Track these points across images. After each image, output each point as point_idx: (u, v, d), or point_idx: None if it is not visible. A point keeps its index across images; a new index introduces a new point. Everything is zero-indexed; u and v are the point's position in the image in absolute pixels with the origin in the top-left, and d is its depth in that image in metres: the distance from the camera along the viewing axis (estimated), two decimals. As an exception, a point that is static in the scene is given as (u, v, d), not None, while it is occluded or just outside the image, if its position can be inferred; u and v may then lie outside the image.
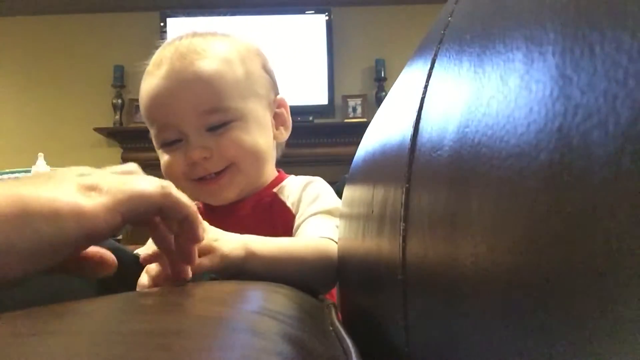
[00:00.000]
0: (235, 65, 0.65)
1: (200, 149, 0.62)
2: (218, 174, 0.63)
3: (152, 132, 0.66)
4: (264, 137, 0.67)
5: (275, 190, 0.68)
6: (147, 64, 0.70)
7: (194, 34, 0.68)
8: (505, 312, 0.16)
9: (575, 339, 0.12)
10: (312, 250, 0.55)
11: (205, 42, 0.66)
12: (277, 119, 0.71)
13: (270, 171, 0.71)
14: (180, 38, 0.68)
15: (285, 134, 0.72)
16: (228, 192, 0.65)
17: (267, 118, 0.68)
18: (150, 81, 0.65)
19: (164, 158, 0.65)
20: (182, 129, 0.63)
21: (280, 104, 0.72)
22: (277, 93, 0.72)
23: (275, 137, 0.70)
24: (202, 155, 0.62)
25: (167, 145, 0.65)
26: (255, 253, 0.50)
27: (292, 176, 0.72)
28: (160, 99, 0.63)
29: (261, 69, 0.69)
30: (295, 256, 0.53)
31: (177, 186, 0.63)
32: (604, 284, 0.11)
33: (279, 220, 0.64)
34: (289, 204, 0.66)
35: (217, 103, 0.62)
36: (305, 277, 0.52)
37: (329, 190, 0.69)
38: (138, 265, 0.52)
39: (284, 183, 0.69)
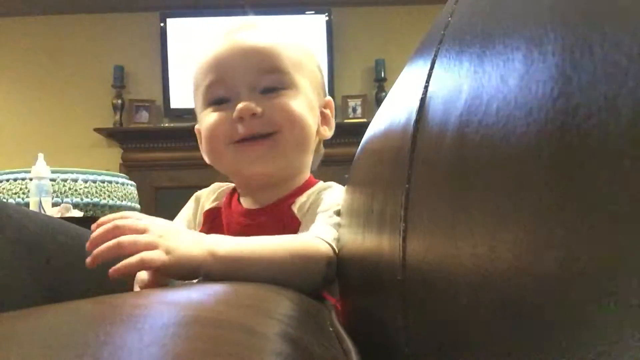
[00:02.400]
0: (297, 47, 0.67)
1: (251, 104, 0.60)
2: (262, 138, 0.62)
3: (201, 90, 0.65)
4: (313, 119, 0.66)
5: (293, 201, 0.65)
6: (147, 65, 0.70)
7: (256, 18, 0.70)
8: (505, 313, 0.16)
9: (576, 339, 0.12)
10: (289, 250, 0.52)
11: (268, 22, 0.69)
12: (323, 118, 0.71)
13: (305, 168, 0.69)
14: (242, 19, 0.70)
15: (328, 133, 0.72)
16: (265, 163, 0.63)
17: (315, 107, 0.68)
18: (209, 45, 0.65)
19: (208, 117, 0.64)
20: (236, 86, 0.62)
21: (327, 105, 0.72)
22: (325, 94, 0.73)
23: (318, 133, 0.69)
24: (252, 110, 0.60)
25: (213, 104, 0.64)
26: (216, 254, 0.48)
27: (320, 182, 0.69)
28: (220, 55, 0.63)
29: (316, 66, 0.71)
30: (265, 257, 0.50)
31: (218, 152, 0.64)
32: (605, 283, 0.11)
33: (287, 230, 0.62)
34: (297, 213, 0.64)
35: (277, 64, 0.63)
36: (277, 279, 0.48)
37: (335, 191, 0.66)
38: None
39: (303, 194, 0.66)
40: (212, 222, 0.69)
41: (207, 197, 0.72)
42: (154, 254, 0.44)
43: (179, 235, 0.48)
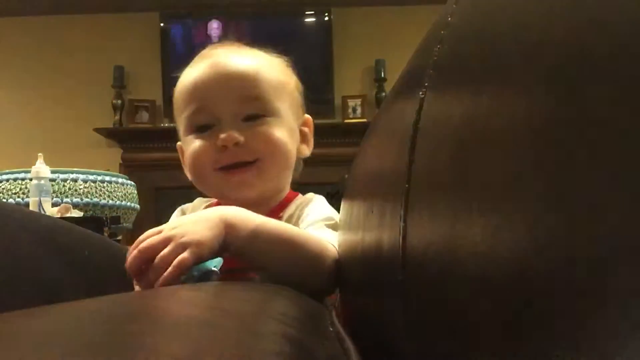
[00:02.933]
0: (277, 71, 0.69)
1: (235, 134, 0.62)
2: (245, 165, 0.64)
3: (184, 116, 0.67)
4: (293, 143, 0.68)
5: (281, 214, 0.68)
6: (147, 65, 0.71)
7: (234, 43, 0.72)
8: (505, 312, 0.16)
9: (576, 339, 0.12)
10: (315, 242, 0.55)
11: (248, 49, 0.70)
12: (302, 136, 0.73)
13: (285, 184, 0.72)
14: (223, 44, 0.72)
15: (307, 152, 0.74)
16: (251, 189, 0.65)
17: (296, 130, 0.71)
18: (193, 70, 0.66)
19: (193, 144, 0.66)
20: (219, 113, 0.64)
21: (306, 123, 0.74)
22: (304, 112, 0.75)
23: (298, 151, 0.71)
24: (235, 140, 0.62)
25: (197, 131, 0.65)
26: (257, 231, 0.51)
27: (299, 195, 0.72)
28: (202, 83, 0.65)
29: (294, 87, 0.73)
30: (295, 241, 0.54)
31: (203, 176, 0.65)
32: (605, 282, 0.11)
33: None
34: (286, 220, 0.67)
35: (259, 93, 0.64)
36: (300, 268, 0.51)
37: (325, 205, 0.69)
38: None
39: (287, 207, 0.70)
40: None
41: (193, 210, 0.73)
42: (185, 255, 0.47)
43: (196, 225, 0.50)
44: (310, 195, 0.72)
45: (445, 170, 0.22)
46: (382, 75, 3.28)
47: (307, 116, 0.75)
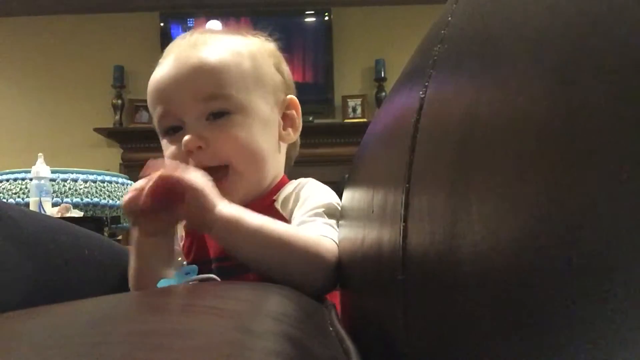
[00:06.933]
0: (244, 58, 0.64)
1: (195, 138, 0.59)
2: (217, 179, 0.58)
3: (154, 121, 0.65)
4: (267, 136, 0.65)
5: (274, 198, 0.66)
6: (147, 65, 0.70)
7: (206, 30, 0.68)
8: (505, 311, 0.16)
9: (577, 339, 0.12)
10: (304, 242, 0.53)
11: (215, 36, 0.66)
12: (286, 119, 0.69)
13: (274, 174, 0.68)
14: (192, 33, 0.68)
15: (293, 136, 0.70)
16: (231, 196, 0.60)
17: (273, 117, 0.67)
18: (157, 70, 0.64)
19: (166, 149, 0.64)
20: (182, 114, 0.61)
21: (290, 105, 0.70)
22: (288, 94, 0.70)
23: (281, 138, 0.68)
24: (196, 144, 0.59)
25: (168, 135, 0.64)
26: (223, 210, 0.51)
27: (292, 181, 0.70)
28: (162, 84, 0.62)
29: (272, 67, 0.68)
30: (282, 240, 0.52)
31: None
32: (605, 281, 0.11)
33: None
34: (285, 213, 0.64)
35: (218, 89, 0.61)
36: (291, 267, 0.50)
37: (321, 189, 0.66)
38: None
39: (281, 190, 0.67)
40: (193, 233, 0.67)
41: None
42: (190, 173, 0.49)
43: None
44: (304, 179, 0.69)
45: (446, 170, 0.22)
46: (382, 75, 3.28)
47: (291, 97, 0.70)
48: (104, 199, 1.82)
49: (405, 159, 0.28)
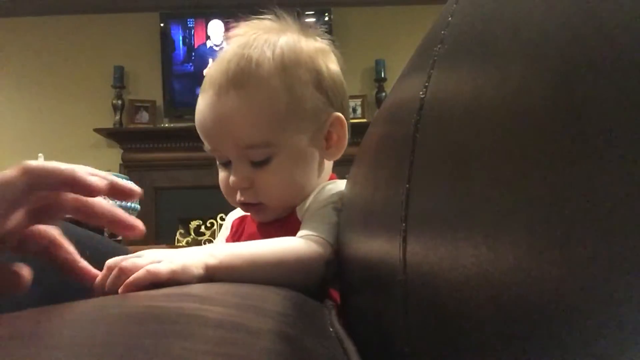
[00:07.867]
0: (280, 94, 0.63)
1: (240, 179, 0.65)
2: (254, 205, 0.67)
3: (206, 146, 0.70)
4: (306, 169, 0.68)
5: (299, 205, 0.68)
6: (147, 65, 0.71)
7: (244, 46, 0.66)
8: (506, 313, 0.16)
9: (576, 339, 0.12)
10: (295, 252, 0.55)
11: (251, 63, 0.64)
12: (330, 139, 0.70)
13: (311, 190, 0.69)
14: (232, 48, 0.67)
15: (336, 154, 0.71)
16: (265, 218, 0.69)
17: (311, 150, 0.68)
18: (200, 105, 0.67)
19: (220, 173, 0.70)
20: (227, 156, 0.66)
21: (334, 122, 0.69)
22: (332, 111, 0.69)
23: (325, 157, 0.70)
24: (241, 185, 0.65)
25: (221, 164, 0.69)
26: (216, 255, 0.49)
27: (323, 184, 0.71)
28: (205, 127, 0.66)
29: (311, 87, 0.66)
30: (262, 257, 0.53)
31: (231, 201, 0.69)
32: (606, 283, 0.11)
33: (291, 232, 0.63)
34: (299, 214, 0.67)
35: (255, 140, 0.63)
36: (276, 280, 0.49)
37: (331, 187, 0.68)
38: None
39: (307, 198, 0.68)
40: (237, 228, 0.75)
41: (237, 211, 0.77)
42: (160, 265, 0.45)
43: (177, 251, 0.49)
44: (329, 181, 0.71)
45: (446, 171, 0.22)
46: (382, 75, 3.28)
47: (336, 115, 0.69)
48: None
49: (405, 159, 0.28)
